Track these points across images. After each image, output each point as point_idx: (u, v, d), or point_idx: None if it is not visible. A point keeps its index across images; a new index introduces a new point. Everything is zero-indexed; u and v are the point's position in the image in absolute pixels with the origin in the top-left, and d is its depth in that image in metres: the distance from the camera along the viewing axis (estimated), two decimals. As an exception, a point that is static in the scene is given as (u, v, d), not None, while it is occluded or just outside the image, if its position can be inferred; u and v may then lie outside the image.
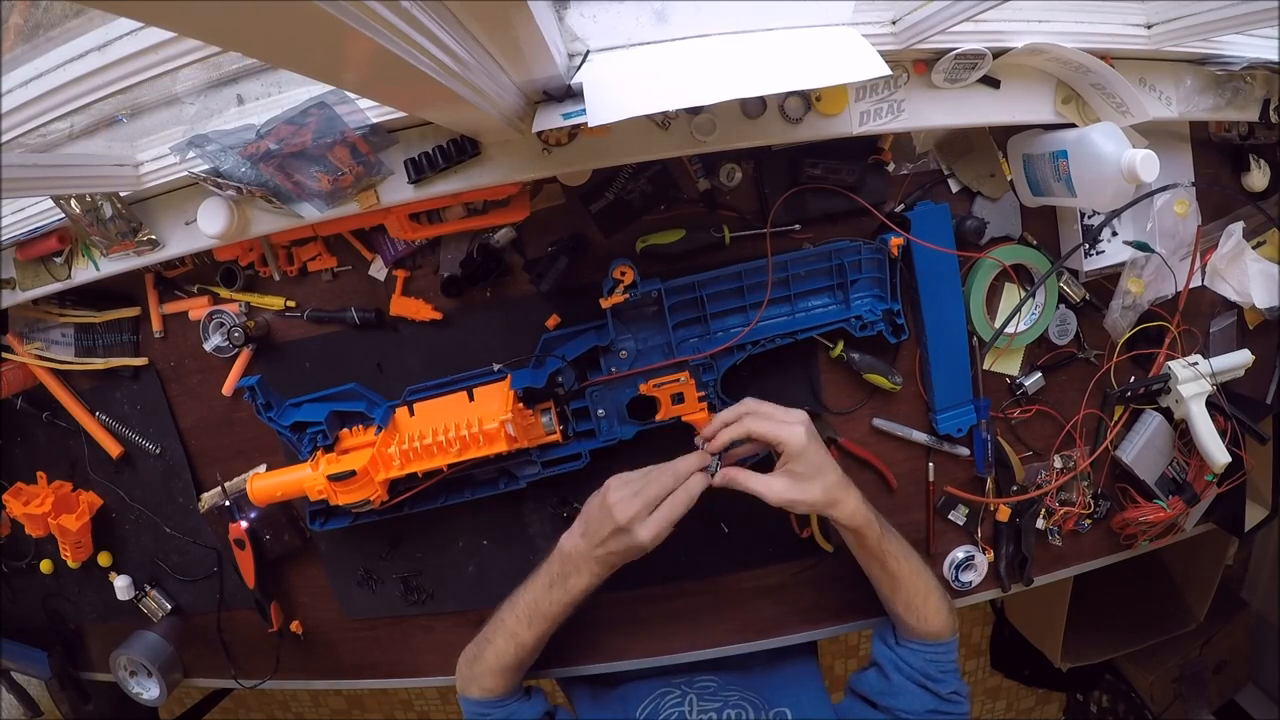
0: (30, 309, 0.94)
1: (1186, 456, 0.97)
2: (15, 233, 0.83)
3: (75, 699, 1.15)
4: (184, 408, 0.96)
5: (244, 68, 0.73)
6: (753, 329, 0.84)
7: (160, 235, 0.82)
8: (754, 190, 0.86)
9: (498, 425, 0.78)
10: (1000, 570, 0.97)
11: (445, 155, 0.74)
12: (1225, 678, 1.86)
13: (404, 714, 2.35)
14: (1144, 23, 0.79)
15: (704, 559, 0.95)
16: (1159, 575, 1.71)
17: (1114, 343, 0.93)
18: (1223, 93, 0.85)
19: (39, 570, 1.06)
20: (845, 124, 0.77)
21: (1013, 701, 2.25)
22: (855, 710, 0.85)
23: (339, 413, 0.85)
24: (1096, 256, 0.90)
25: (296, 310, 0.91)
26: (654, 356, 0.85)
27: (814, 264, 0.85)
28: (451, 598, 0.99)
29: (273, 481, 0.84)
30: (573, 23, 0.66)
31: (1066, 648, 1.68)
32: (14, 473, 1.02)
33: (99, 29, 0.57)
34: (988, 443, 0.91)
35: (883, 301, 0.86)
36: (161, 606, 1.03)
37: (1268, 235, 0.95)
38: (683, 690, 0.92)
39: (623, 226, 0.87)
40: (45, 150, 0.73)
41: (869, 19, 0.72)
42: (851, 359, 0.88)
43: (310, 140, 0.68)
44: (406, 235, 0.85)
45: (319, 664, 1.05)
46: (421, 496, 0.88)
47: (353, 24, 0.34)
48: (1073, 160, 0.77)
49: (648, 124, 0.76)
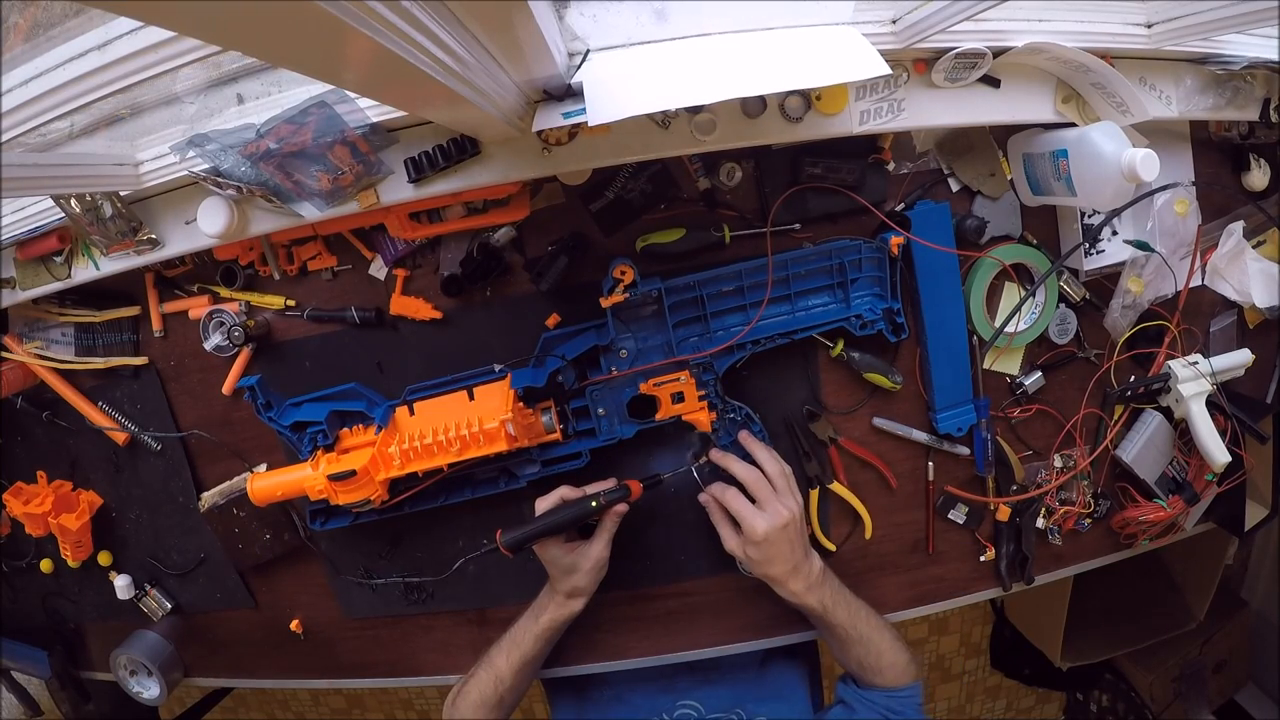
0: (30, 308, 0.94)
1: (1186, 456, 0.97)
2: (15, 232, 0.83)
3: (75, 698, 1.15)
4: (184, 407, 0.96)
5: (244, 67, 0.73)
6: (753, 328, 0.84)
7: (160, 234, 0.82)
8: (754, 189, 0.86)
9: (498, 424, 0.78)
10: (1001, 569, 0.97)
11: (445, 154, 0.74)
12: (1225, 677, 1.86)
13: (404, 713, 2.35)
14: (1144, 22, 0.79)
15: (703, 558, 0.95)
16: (1159, 575, 1.71)
17: (1114, 342, 0.92)
18: (1223, 92, 0.84)
19: (39, 570, 1.06)
20: (845, 123, 0.77)
21: (1012, 701, 2.25)
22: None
23: (339, 412, 0.85)
24: (1096, 256, 0.90)
25: (296, 309, 0.91)
26: (654, 356, 0.85)
27: (814, 263, 0.84)
28: (451, 597, 0.99)
29: (273, 481, 0.84)
30: (573, 22, 0.66)
31: (1066, 647, 1.69)
32: (14, 472, 1.02)
33: (99, 28, 0.57)
34: (988, 442, 0.91)
35: (883, 300, 0.86)
36: (161, 606, 1.03)
37: (1268, 234, 0.95)
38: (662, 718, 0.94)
39: (623, 226, 0.87)
40: (45, 150, 0.73)
41: (869, 18, 0.71)
42: (851, 358, 0.88)
43: (310, 139, 0.68)
44: (406, 234, 0.85)
45: (319, 663, 1.05)
46: (422, 496, 0.88)
47: (353, 23, 0.34)
48: (1073, 159, 0.77)
49: (648, 123, 0.76)
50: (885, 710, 0.83)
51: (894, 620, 0.96)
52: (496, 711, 0.87)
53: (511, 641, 0.87)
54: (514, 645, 0.87)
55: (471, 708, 0.87)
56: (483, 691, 0.86)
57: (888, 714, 0.83)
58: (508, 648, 0.87)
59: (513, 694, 0.88)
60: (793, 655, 1.02)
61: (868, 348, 0.89)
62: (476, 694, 0.87)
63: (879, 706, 0.84)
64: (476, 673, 0.88)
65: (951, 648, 2.20)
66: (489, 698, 0.86)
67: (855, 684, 0.88)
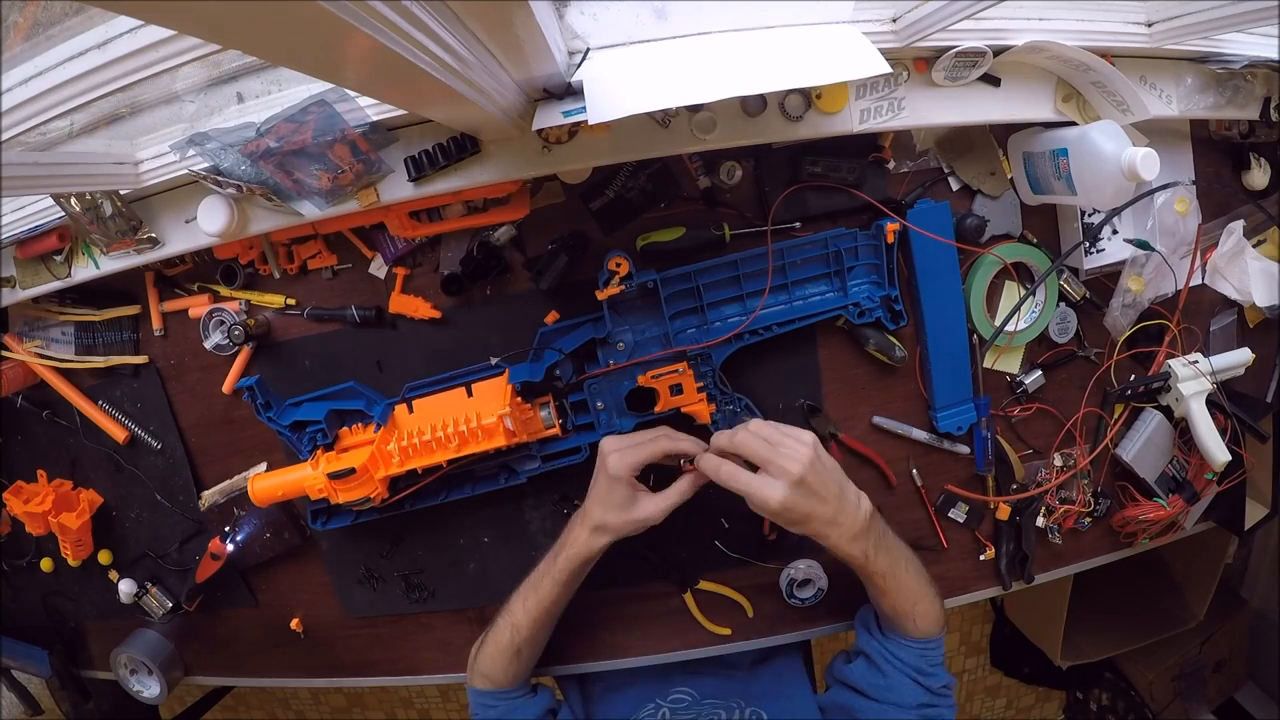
0: (30, 307, 0.94)
1: (1186, 455, 0.97)
2: (15, 231, 0.84)
3: (76, 697, 1.15)
4: (184, 406, 0.96)
5: (244, 65, 0.73)
6: (752, 319, 0.83)
7: (160, 233, 0.82)
8: (754, 188, 0.86)
9: (496, 420, 0.78)
10: (1001, 568, 0.97)
11: (445, 153, 0.74)
12: (1225, 676, 1.87)
13: (404, 712, 2.35)
14: (1145, 21, 0.79)
15: (703, 557, 0.95)
16: (1159, 573, 1.71)
17: (1114, 341, 0.92)
18: (1223, 91, 0.84)
19: (39, 568, 1.06)
20: (845, 122, 0.77)
21: (1012, 699, 2.25)
22: (843, 698, 0.84)
23: (338, 411, 0.86)
24: (1097, 255, 0.90)
25: (296, 308, 0.91)
26: (651, 348, 0.85)
27: (810, 251, 0.84)
28: (453, 596, 0.99)
29: (273, 481, 0.84)
30: (573, 20, 0.66)
31: (1066, 646, 1.69)
32: (14, 471, 1.02)
33: (99, 27, 0.57)
34: (988, 441, 0.91)
35: (880, 288, 0.86)
36: (162, 604, 1.03)
37: (1268, 233, 0.95)
38: (656, 704, 0.93)
39: (623, 224, 0.87)
40: (45, 148, 0.73)
41: (869, 17, 0.72)
42: (857, 332, 0.88)
43: (310, 138, 0.68)
44: (406, 233, 0.85)
45: (320, 662, 1.05)
46: (422, 493, 0.88)
47: (353, 22, 0.34)
48: (1073, 158, 0.77)
49: (648, 122, 0.75)
50: (913, 670, 0.79)
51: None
52: (515, 662, 0.84)
53: (530, 585, 0.84)
54: (532, 589, 0.84)
55: (489, 658, 0.85)
56: (499, 641, 0.84)
57: (916, 675, 0.79)
58: (525, 593, 0.84)
59: (530, 645, 0.84)
60: (788, 651, 1.02)
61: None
62: (493, 644, 0.84)
63: (907, 666, 0.79)
64: (496, 622, 0.85)
65: (951, 646, 2.20)
66: (505, 647, 0.83)
67: (880, 631, 0.84)
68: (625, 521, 0.78)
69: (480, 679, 0.85)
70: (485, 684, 0.85)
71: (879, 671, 0.81)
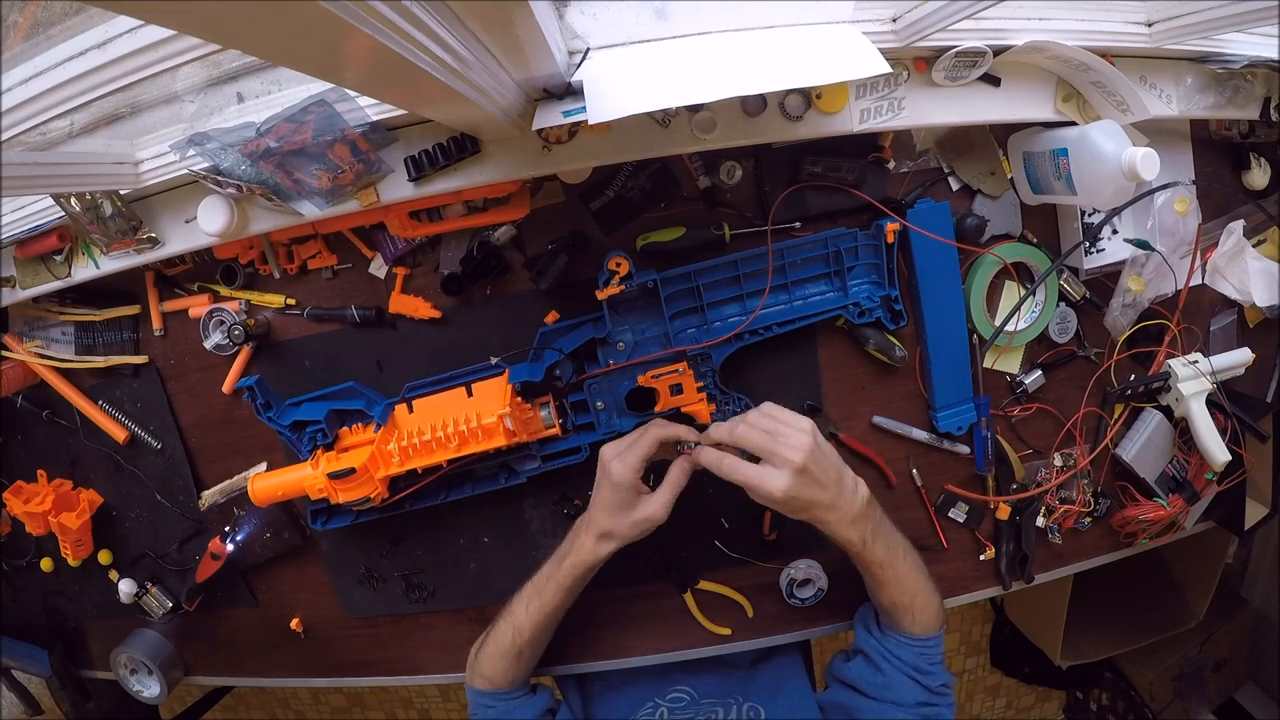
0: (30, 307, 0.94)
1: (1186, 455, 0.97)
2: (15, 231, 0.84)
3: (76, 697, 1.15)
4: (184, 405, 0.96)
5: (244, 65, 0.73)
6: (752, 319, 0.83)
7: (160, 233, 0.82)
8: (754, 188, 0.86)
9: (496, 419, 0.78)
10: (1001, 568, 0.97)
11: (445, 153, 0.74)
12: (1225, 676, 1.87)
13: (405, 712, 2.35)
14: (1145, 21, 0.79)
15: (703, 557, 0.95)
16: (1159, 573, 1.71)
17: (1114, 341, 0.92)
18: (1223, 91, 0.84)
19: (39, 568, 1.06)
20: (845, 122, 0.77)
21: (1012, 699, 2.25)
22: (842, 696, 0.84)
23: (338, 411, 0.86)
24: (1097, 254, 0.90)
25: (296, 308, 0.91)
26: (651, 348, 0.85)
27: (810, 251, 0.85)
28: (452, 596, 0.99)
29: (273, 481, 0.84)
30: (573, 20, 0.66)
31: (1066, 645, 1.69)
32: (14, 471, 1.02)
33: (99, 27, 0.57)
34: (988, 440, 0.91)
35: (880, 288, 0.86)
36: (162, 604, 1.03)
37: (1268, 233, 0.95)
38: (655, 703, 0.93)
39: (623, 224, 0.87)
40: (45, 148, 0.73)
41: (869, 17, 0.72)
42: (857, 332, 0.88)
43: (310, 138, 0.68)
44: (406, 233, 0.85)
45: (320, 662, 1.05)
46: (422, 493, 0.88)
47: (353, 22, 0.34)
48: (1073, 158, 0.77)
49: (648, 122, 0.75)
50: (912, 669, 0.79)
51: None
52: (515, 664, 0.84)
53: (533, 588, 0.84)
54: (535, 592, 0.83)
55: (489, 659, 0.84)
56: (500, 643, 0.84)
57: (914, 673, 0.79)
58: (528, 595, 0.84)
59: (531, 647, 0.84)
60: (787, 650, 1.02)
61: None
62: (494, 645, 0.84)
63: (905, 664, 0.80)
64: (497, 623, 0.85)
65: (951, 646, 2.20)
66: (506, 649, 0.83)
67: (879, 629, 0.84)
68: (631, 524, 0.78)
69: (480, 679, 0.85)
70: (485, 685, 0.85)
71: (877, 670, 0.81)
